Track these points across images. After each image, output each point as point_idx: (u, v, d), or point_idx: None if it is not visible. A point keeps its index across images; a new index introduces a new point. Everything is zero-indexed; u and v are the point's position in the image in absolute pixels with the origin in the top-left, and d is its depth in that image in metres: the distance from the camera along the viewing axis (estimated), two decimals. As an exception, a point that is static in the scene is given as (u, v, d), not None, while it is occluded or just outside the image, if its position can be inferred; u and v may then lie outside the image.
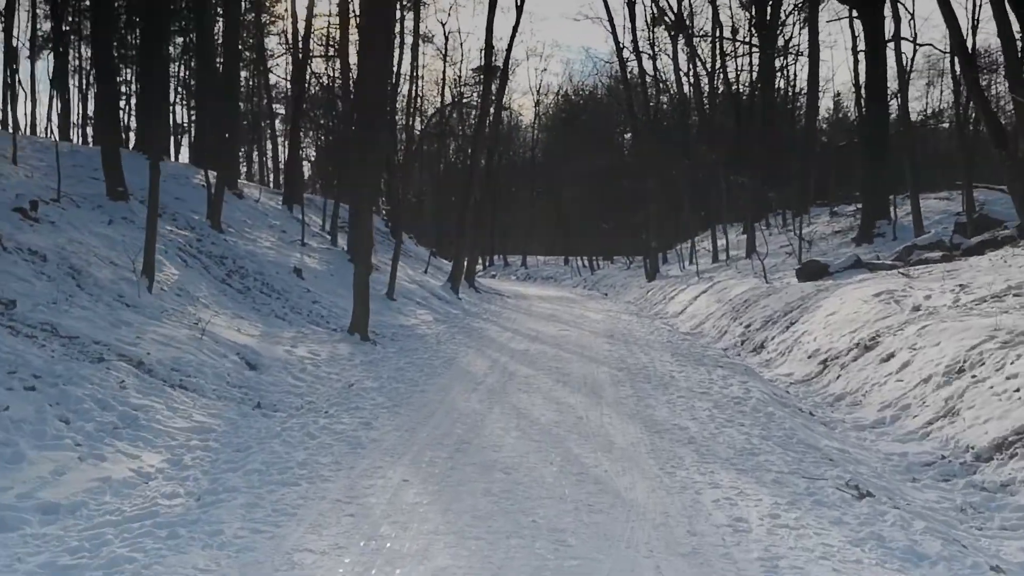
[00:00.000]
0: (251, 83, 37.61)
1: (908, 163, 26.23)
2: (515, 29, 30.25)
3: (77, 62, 37.70)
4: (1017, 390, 9.58)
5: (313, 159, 55.05)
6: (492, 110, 31.52)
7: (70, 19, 32.93)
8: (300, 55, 27.97)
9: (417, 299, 23.19)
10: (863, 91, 29.54)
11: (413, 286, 24.43)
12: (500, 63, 30.55)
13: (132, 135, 29.31)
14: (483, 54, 27.82)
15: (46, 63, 56.29)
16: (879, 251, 26.82)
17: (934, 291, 16.82)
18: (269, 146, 55.99)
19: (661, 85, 43.79)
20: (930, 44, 41.97)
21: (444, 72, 39.38)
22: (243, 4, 29.86)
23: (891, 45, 27.31)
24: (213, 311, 15.47)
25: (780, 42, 41.35)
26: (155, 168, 14.39)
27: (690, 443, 8.83)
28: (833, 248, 29.45)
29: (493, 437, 8.80)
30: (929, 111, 45.02)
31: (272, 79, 42.58)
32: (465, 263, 28.00)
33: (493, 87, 30.73)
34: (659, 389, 12.21)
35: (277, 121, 50.66)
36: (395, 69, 32.01)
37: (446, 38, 42.74)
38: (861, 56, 29.34)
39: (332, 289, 20.95)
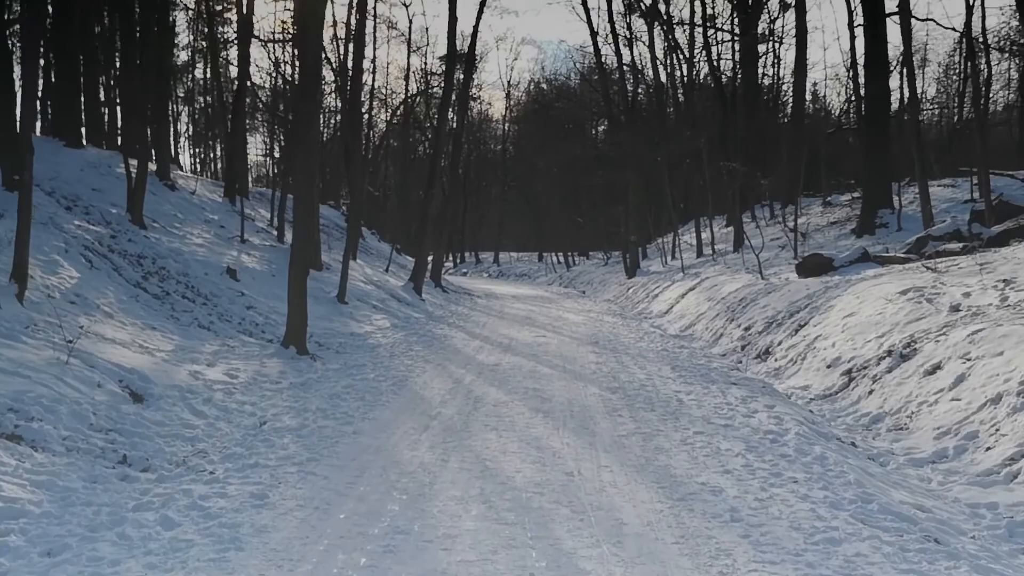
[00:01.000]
0: (205, 75, 34.50)
1: (915, 145, 23.55)
2: (481, 7, 27.30)
3: None
4: None
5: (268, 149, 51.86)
6: (455, 97, 28.60)
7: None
8: (244, 34, 24.86)
9: (373, 302, 20.19)
10: (861, 69, 26.87)
11: (370, 287, 21.42)
12: (467, 49, 27.59)
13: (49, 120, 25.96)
14: (447, 34, 24.85)
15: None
16: (884, 243, 24.14)
17: (972, 288, 14.16)
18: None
19: (639, 75, 40.99)
20: (931, 19, 39.40)
21: (408, 59, 36.32)
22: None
23: (893, 20, 24.66)
24: (116, 322, 12.43)
25: (762, 27, 38.75)
26: (24, 144, 11.29)
27: (734, 521, 5.94)
28: (831, 241, 26.77)
29: (444, 519, 5.85)
30: (921, 96, 42.47)
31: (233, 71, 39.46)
32: (430, 261, 24.95)
33: (459, 73, 27.76)
34: (668, 420, 9.32)
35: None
36: (348, 50, 28.98)
37: (410, 21, 39.48)
38: (859, 32, 26.68)
39: (272, 292, 17.91)
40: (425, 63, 46.61)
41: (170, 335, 13.44)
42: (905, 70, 23.48)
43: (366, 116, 47.10)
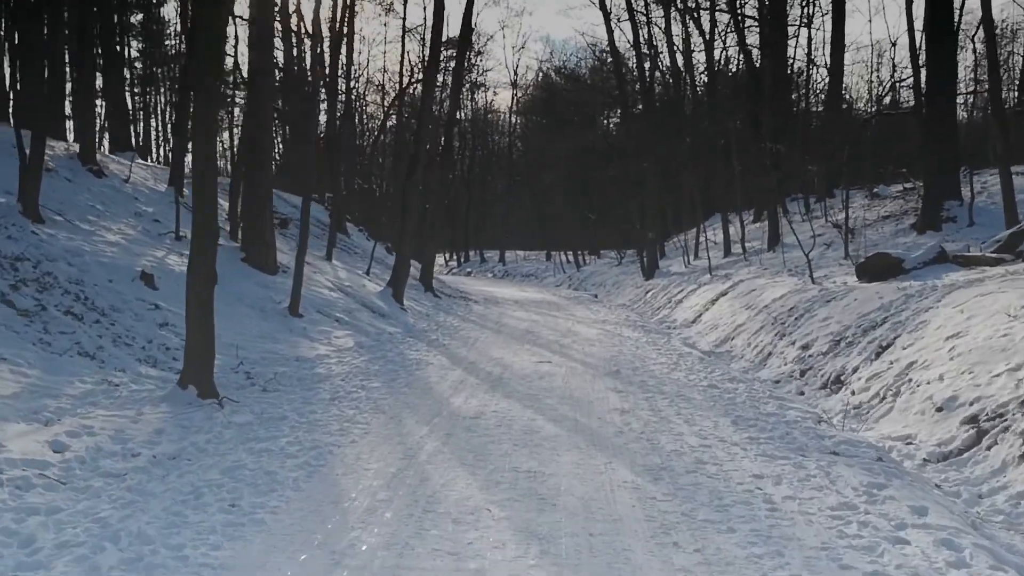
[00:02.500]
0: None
1: (999, 123, 19.15)
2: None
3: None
4: None
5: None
6: (440, 77, 24.42)
7: None
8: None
9: (338, 313, 15.94)
10: (914, 37, 22.47)
11: (336, 295, 17.15)
12: (462, 24, 23.29)
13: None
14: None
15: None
16: (956, 240, 19.78)
17: None
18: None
19: (656, 57, 36.59)
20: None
21: (403, 42, 32.01)
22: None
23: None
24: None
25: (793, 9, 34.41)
26: None
27: None
28: (888, 237, 22.38)
29: None
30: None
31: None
32: (411, 262, 20.65)
33: (449, 51, 23.53)
34: (766, 559, 5.04)
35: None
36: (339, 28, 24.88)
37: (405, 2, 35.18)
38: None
39: (203, 303, 13.66)
40: (423, 49, 42.38)
41: (23, 369, 9.29)
42: (983, 32, 19.06)
43: (357, 104, 42.96)
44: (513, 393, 10.36)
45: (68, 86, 24.38)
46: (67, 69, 21.83)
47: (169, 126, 36.44)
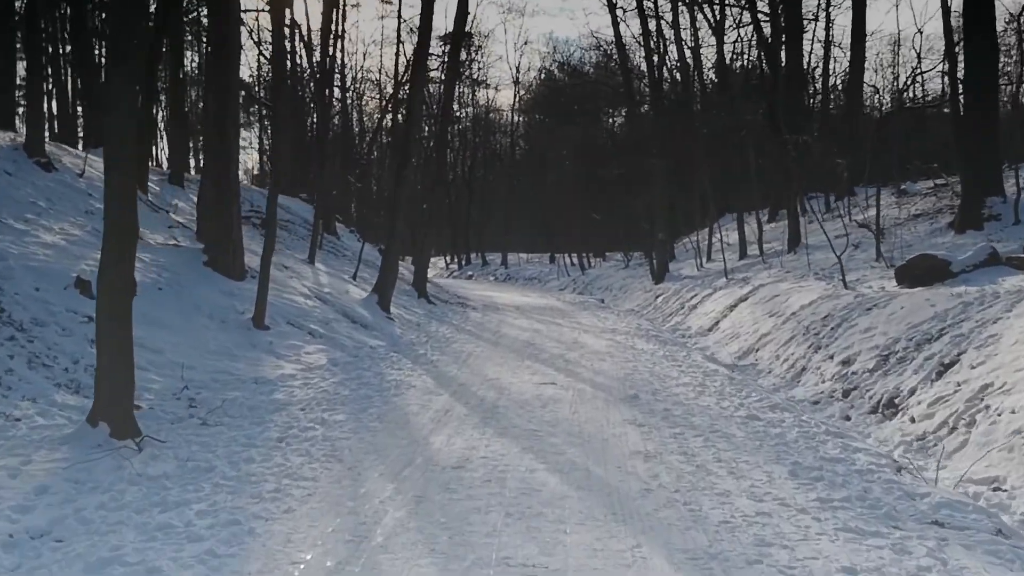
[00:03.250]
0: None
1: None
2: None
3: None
4: None
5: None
6: (438, 74, 22.31)
7: None
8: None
9: (313, 325, 13.87)
10: (950, 24, 20.39)
11: (313, 303, 15.07)
12: (456, 15, 21.22)
13: None
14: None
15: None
16: (1003, 239, 17.70)
17: None
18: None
19: (665, 45, 34.45)
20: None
21: (399, 35, 29.95)
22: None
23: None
24: None
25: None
26: None
27: None
28: (923, 237, 20.29)
29: None
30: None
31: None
32: (399, 266, 18.56)
33: (443, 46, 21.47)
34: None
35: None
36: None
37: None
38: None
39: (151, 314, 11.64)
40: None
41: None
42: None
43: (353, 100, 40.95)
44: (509, 428, 8.28)
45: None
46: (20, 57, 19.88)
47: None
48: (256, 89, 36.87)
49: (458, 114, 50.67)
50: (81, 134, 26.56)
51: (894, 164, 26.18)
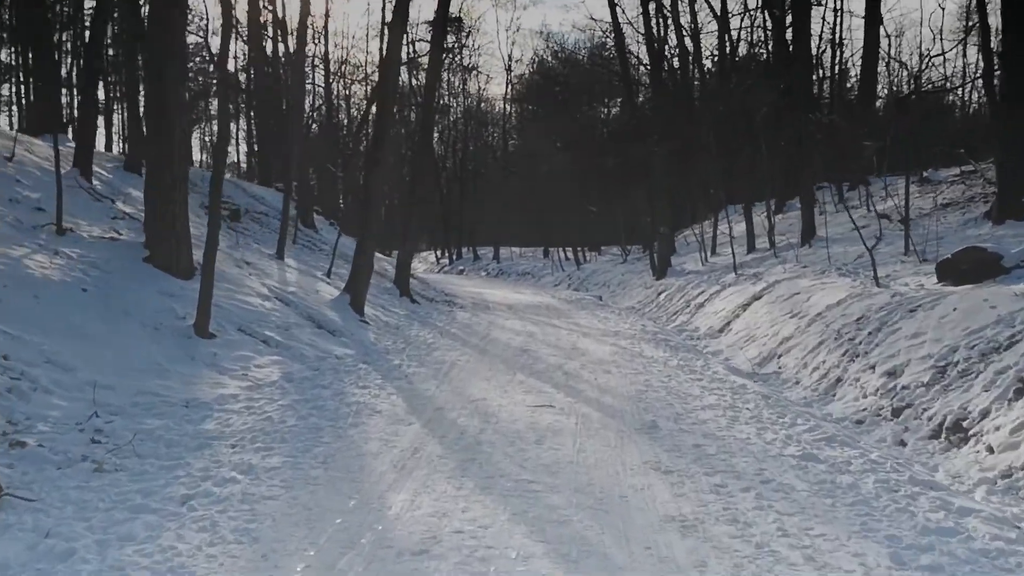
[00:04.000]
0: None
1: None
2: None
3: None
4: None
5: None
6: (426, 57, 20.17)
7: None
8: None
9: (269, 331, 11.73)
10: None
11: (272, 305, 12.92)
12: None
13: None
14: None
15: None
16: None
17: None
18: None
19: (665, 23, 32.27)
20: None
21: (383, 18, 27.73)
22: None
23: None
24: None
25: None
26: None
27: None
28: (954, 229, 18.25)
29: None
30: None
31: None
32: (381, 262, 16.36)
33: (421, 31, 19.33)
34: None
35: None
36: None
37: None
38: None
39: (68, 321, 9.53)
40: (411, 30, 38.35)
41: None
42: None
43: (336, 86, 38.74)
44: (495, 479, 6.17)
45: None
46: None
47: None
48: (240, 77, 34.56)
49: (449, 105, 48.55)
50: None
51: (909, 151, 24.12)
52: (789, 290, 17.22)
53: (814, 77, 32.38)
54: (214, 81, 41.30)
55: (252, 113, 34.37)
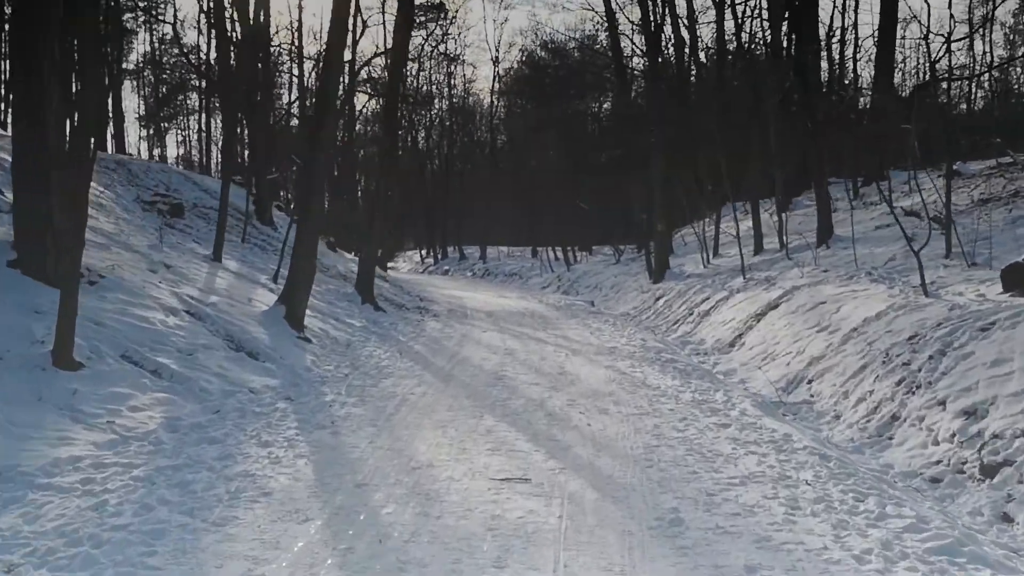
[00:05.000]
0: None
1: None
2: None
3: None
4: None
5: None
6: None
7: None
8: None
9: (165, 356, 8.86)
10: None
11: (178, 321, 10.00)
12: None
13: None
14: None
15: None
16: None
17: None
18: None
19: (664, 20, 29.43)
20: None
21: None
22: None
23: None
24: None
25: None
26: None
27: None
28: (1000, 229, 15.49)
29: None
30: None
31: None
32: (332, 263, 13.41)
33: None
34: None
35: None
36: None
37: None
38: None
39: None
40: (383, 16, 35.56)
41: None
42: None
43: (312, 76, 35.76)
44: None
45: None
46: None
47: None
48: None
49: (432, 95, 45.69)
50: None
51: (944, 139, 21.39)
52: (812, 298, 14.52)
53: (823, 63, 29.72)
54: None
55: (217, 103, 31.31)
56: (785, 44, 26.74)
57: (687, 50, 32.12)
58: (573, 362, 11.86)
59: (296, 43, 35.22)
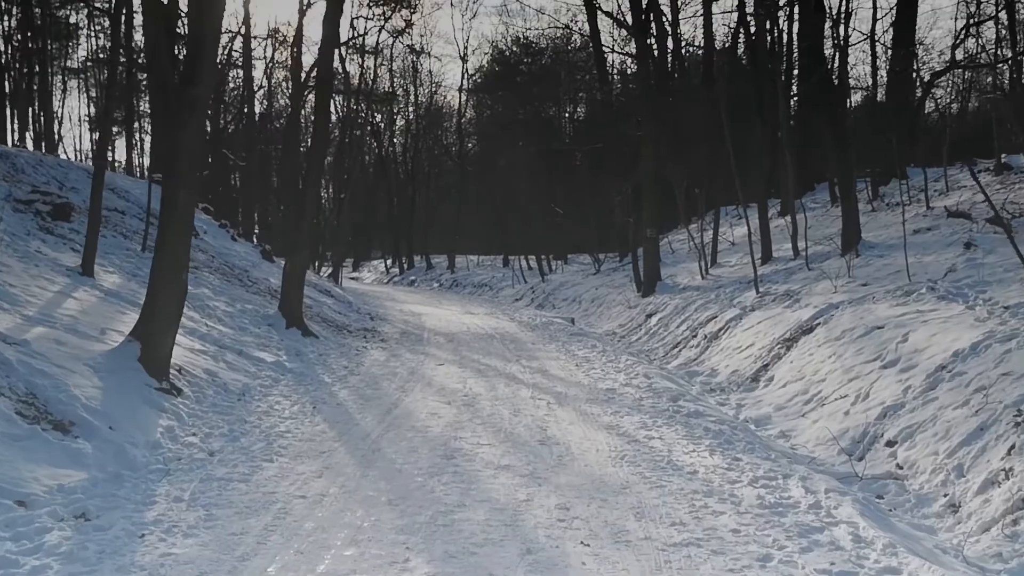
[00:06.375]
0: None
1: None
2: None
3: None
4: None
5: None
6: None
7: None
8: None
9: None
10: None
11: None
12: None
13: None
14: None
15: None
16: None
17: None
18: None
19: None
20: None
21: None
22: None
23: None
24: None
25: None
26: None
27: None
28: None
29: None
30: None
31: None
32: (172, 283, 9.36)
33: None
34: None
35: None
36: None
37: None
38: None
39: None
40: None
41: None
42: None
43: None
44: None
45: None
46: None
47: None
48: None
49: (395, 93, 41.91)
50: None
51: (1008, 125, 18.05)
52: (861, 320, 11.00)
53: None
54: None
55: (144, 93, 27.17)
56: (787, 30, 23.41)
57: (671, 41, 28.68)
58: (559, 419, 8.16)
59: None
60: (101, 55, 38.55)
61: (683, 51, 30.21)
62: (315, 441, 6.97)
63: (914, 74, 22.82)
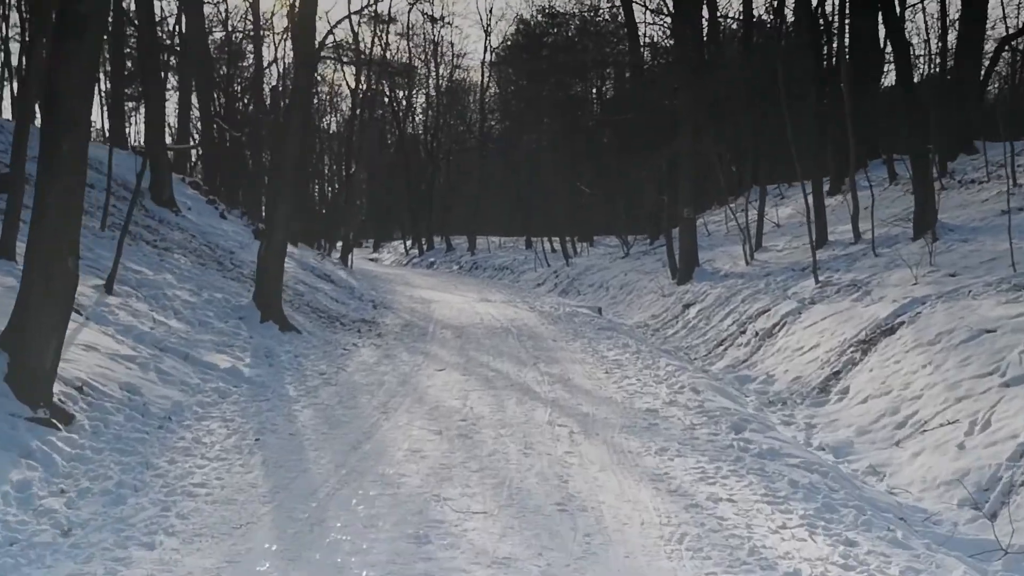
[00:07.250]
0: None
1: None
2: None
3: None
4: None
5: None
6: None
7: None
8: None
9: None
10: None
11: None
12: None
13: None
14: None
15: None
16: None
17: None
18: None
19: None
20: None
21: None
22: None
23: None
24: None
25: None
26: None
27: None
28: None
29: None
30: None
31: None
32: (55, 271, 7.13)
33: None
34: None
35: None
36: None
37: None
38: None
39: None
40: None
41: None
42: None
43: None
44: None
45: None
46: None
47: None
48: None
49: (415, 67, 39.60)
50: None
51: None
52: (959, 320, 8.66)
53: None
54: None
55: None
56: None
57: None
58: (585, 461, 5.89)
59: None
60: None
61: (722, 17, 27.59)
62: (235, 504, 4.76)
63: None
